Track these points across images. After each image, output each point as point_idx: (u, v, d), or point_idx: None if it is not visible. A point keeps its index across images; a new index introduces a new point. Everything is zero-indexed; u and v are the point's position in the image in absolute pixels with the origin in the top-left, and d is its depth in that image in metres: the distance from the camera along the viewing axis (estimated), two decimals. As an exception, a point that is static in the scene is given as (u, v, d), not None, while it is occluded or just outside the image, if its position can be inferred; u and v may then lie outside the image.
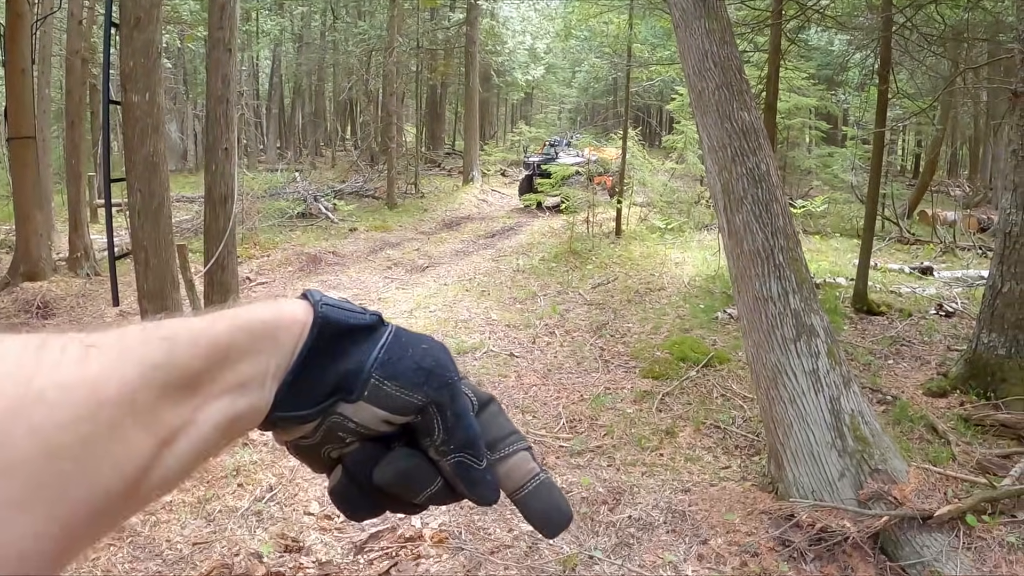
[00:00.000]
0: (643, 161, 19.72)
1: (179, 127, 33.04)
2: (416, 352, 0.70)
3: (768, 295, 5.95)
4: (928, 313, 11.29)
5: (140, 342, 0.55)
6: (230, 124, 8.65)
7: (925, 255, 16.58)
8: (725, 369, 9.15)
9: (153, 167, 7.20)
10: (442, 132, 40.52)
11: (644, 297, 12.62)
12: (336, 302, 0.69)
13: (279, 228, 18.73)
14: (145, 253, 7.18)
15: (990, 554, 5.19)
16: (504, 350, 10.13)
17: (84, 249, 14.05)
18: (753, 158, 6.11)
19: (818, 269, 13.59)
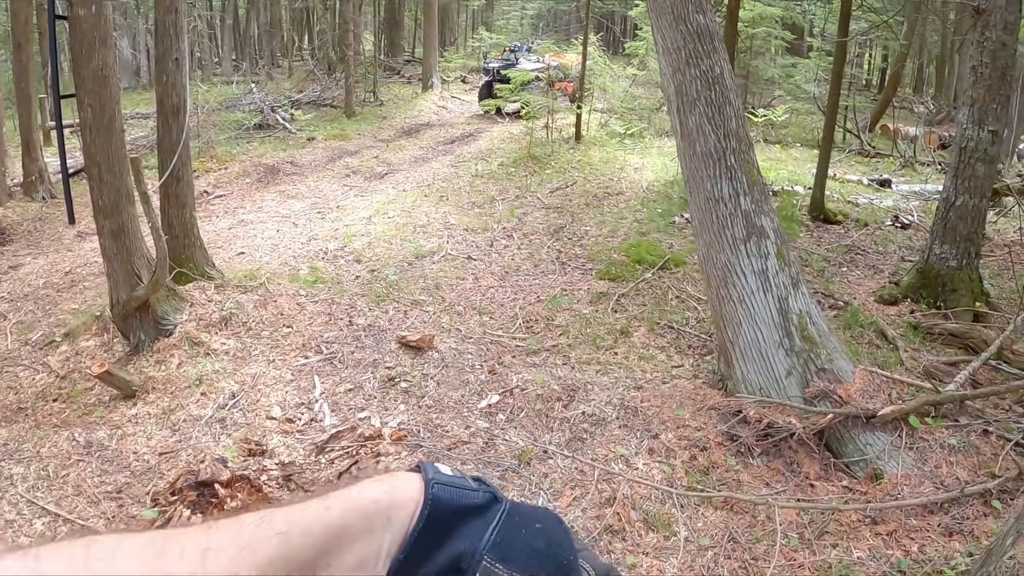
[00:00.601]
0: (604, 67, 19.53)
1: (131, 43, 32.18)
2: (530, 532, 0.71)
3: (719, 196, 5.99)
4: (884, 224, 11.41)
5: (256, 540, 0.57)
6: (180, 34, 8.44)
7: (885, 168, 16.64)
8: (680, 272, 9.24)
9: (103, 81, 7.02)
10: (401, 39, 39.81)
11: (602, 201, 12.64)
12: (449, 479, 0.70)
13: (236, 140, 18.43)
14: (98, 169, 7.05)
15: (931, 455, 5.34)
16: (462, 253, 10.19)
17: (38, 173, 13.84)
18: (707, 60, 6.09)
19: (777, 177, 13.66)
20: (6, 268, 10.45)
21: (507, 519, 0.70)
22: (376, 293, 8.75)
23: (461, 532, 0.68)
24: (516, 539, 0.69)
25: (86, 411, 6.37)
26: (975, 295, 8.22)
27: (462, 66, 32.85)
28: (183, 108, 8.50)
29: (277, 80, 30.36)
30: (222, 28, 38.06)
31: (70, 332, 7.78)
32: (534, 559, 0.69)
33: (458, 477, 0.71)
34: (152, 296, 7.19)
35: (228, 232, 11.60)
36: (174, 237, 8.39)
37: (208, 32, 33.48)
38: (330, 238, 10.89)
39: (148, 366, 6.92)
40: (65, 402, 6.55)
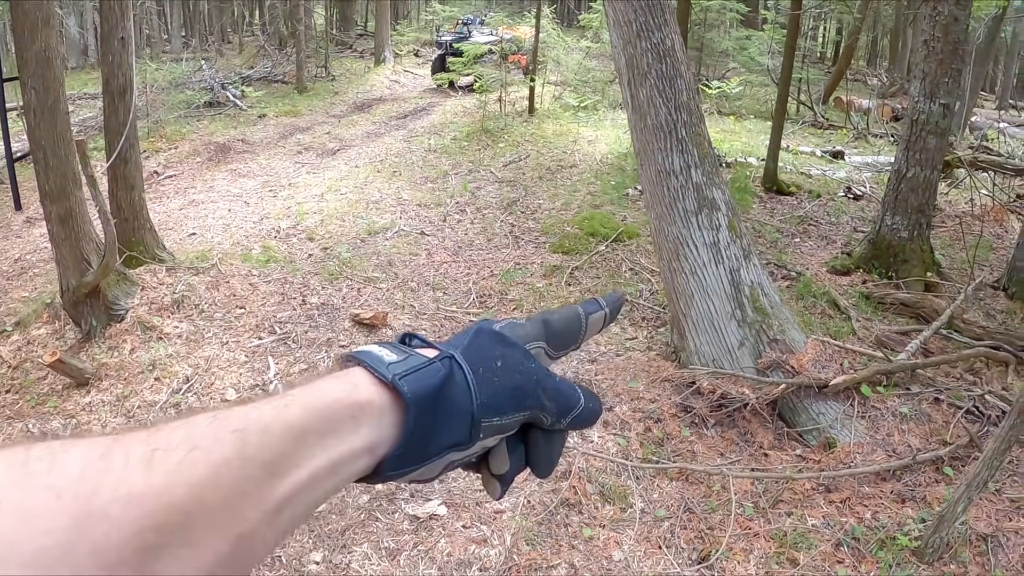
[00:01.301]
0: (558, 40, 19.49)
1: (78, 21, 31.69)
2: (501, 374, 0.72)
3: (670, 169, 5.99)
4: (837, 195, 11.51)
5: (209, 438, 0.54)
6: (125, 12, 8.29)
7: (838, 140, 16.77)
8: (634, 244, 9.29)
9: (46, 63, 6.88)
10: (353, 13, 39.46)
11: (556, 175, 12.64)
12: (403, 365, 0.68)
13: (186, 119, 18.17)
14: (44, 152, 6.93)
15: (883, 423, 5.40)
16: (415, 229, 10.15)
17: None
18: (658, 33, 6.06)
19: (730, 149, 13.71)
20: None
21: (476, 375, 0.70)
22: (329, 271, 8.69)
23: (448, 412, 0.68)
24: (497, 389, 0.71)
25: (39, 401, 6.29)
26: (926, 265, 8.34)
27: (415, 39, 32.59)
28: (130, 88, 8.36)
29: (227, 56, 30.06)
30: (171, 4, 37.54)
31: (21, 321, 7.67)
32: (519, 396, 0.73)
33: (405, 356, 0.70)
34: (102, 281, 7.09)
35: (179, 213, 11.46)
36: (123, 220, 8.28)
37: (156, 9, 33.01)
38: (282, 216, 10.79)
39: (100, 353, 6.85)
40: (18, 393, 6.46)
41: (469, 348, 0.73)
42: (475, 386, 0.69)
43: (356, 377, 0.66)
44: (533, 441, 0.77)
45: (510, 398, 0.71)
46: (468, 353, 0.72)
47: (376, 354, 0.69)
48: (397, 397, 0.65)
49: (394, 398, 0.65)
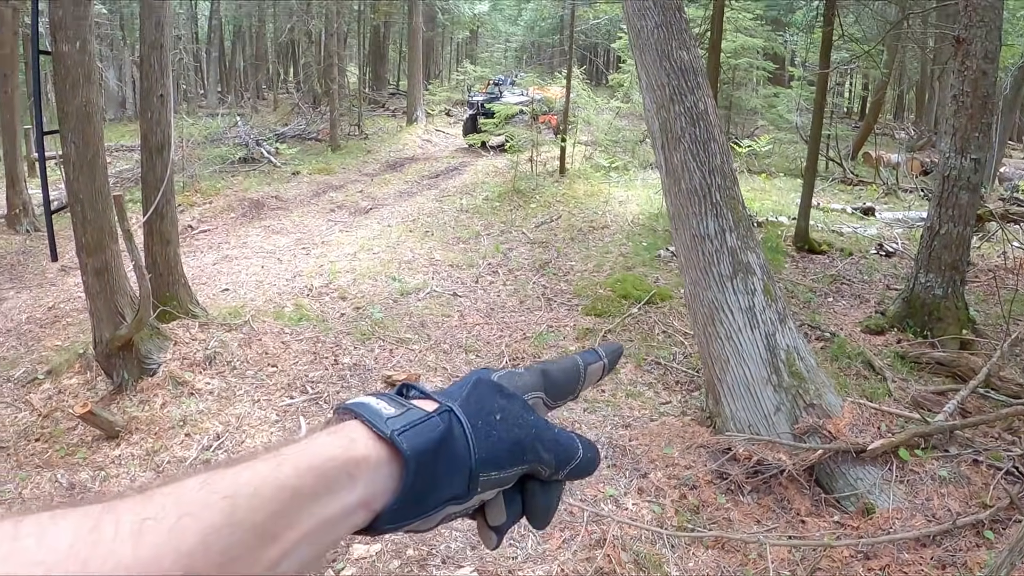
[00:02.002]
0: (588, 100, 19.61)
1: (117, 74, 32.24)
2: (500, 427, 0.73)
3: (705, 233, 5.98)
4: (869, 253, 11.45)
5: (199, 505, 0.54)
6: (165, 70, 8.41)
7: (868, 196, 16.73)
8: (667, 306, 9.23)
9: (86, 117, 6.99)
10: (386, 72, 39.95)
11: (587, 236, 12.66)
12: (401, 419, 0.68)
13: (221, 174, 18.43)
14: (81, 206, 7.01)
15: (922, 487, 5.31)
16: (447, 290, 10.16)
17: (22, 206, 13.86)
18: (691, 97, 6.10)
19: (761, 208, 13.70)
20: None
21: (475, 429, 0.71)
22: (361, 331, 8.69)
23: (447, 467, 0.69)
24: (496, 443, 0.71)
25: (69, 451, 6.28)
26: (961, 323, 8.23)
27: (446, 99, 32.91)
28: (168, 145, 8.46)
29: (262, 113, 30.44)
30: (208, 60, 38.17)
31: (53, 369, 7.69)
32: (518, 451, 0.73)
33: (403, 409, 0.70)
34: (136, 335, 7.12)
35: (212, 268, 11.54)
36: (158, 275, 8.32)
37: (194, 65, 33.52)
38: (315, 274, 10.83)
39: (131, 406, 6.85)
40: (47, 442, 6.46)
41: (468, 400, 0.73)
42: (474, 441, 0.70)
43: (353, 432, 0.66)
44: (530, 492, 0.77)
45: (508, 452, 0.72)
46: (467, 406, 0.72)
47: (374, 407, 0.69)
48: (395, 452, 0.66)
49: (392, 453, 0.66)
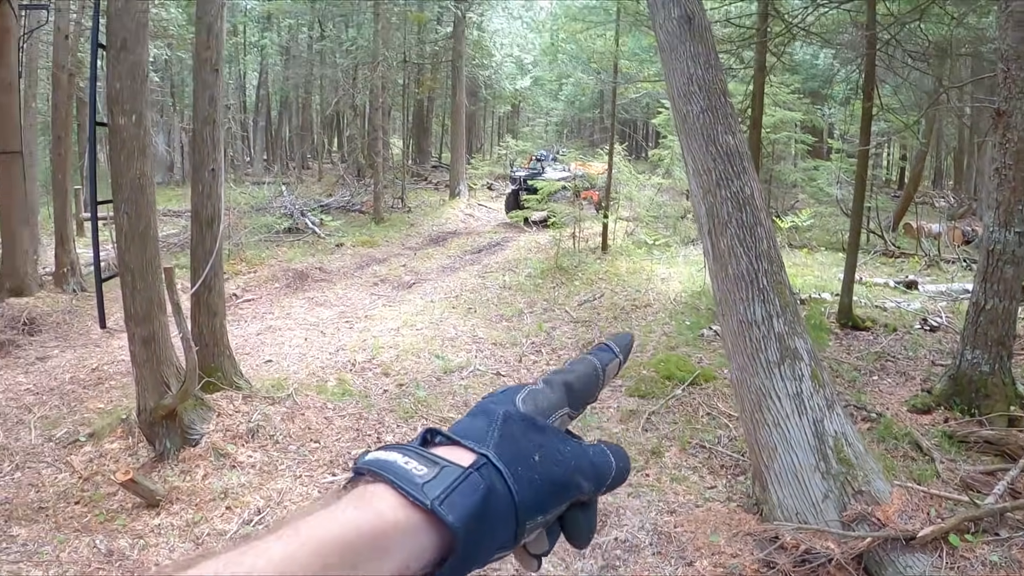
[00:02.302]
0: (629, 176, 19.77)
1: (166, 140, 32.87)
2: (539, 468, 0.70)
3: (752, 319, 5.98)
4: (913, 327, 11.33)
5: None
6: (217, 145, 8.58)
7: (910, 268, 16.61)
8: (711, 387, 9.17)
9: (140, 189, 7.15)
10: (429, 145, 40.40)
11: (630, 314, 12.67)
12: (441, 483, 0.63)
13: (266, 243, 18.67)
14: (132, 276, 7.13)
15: (973, 573, 5.22)
16: (491, 369, 10.15)
17: (70, 265, 14.02)
18: (737, 182, 6.14)
19: (804, 284, 13.64)
20: (33, 359, 10.50)
21: (517, 478, 0.67)
22: (404, 409, 8.69)
23: (492, 525, 0.65)
24: (537, 488, 0.68)
25: (108, 517, 6.30)
26: (1009, 399, 8.07)
27: (488, 173, 33.23)
28: (218, 218, 8.59)
29: (307, 183, 30.82)
30: (254, 129, 38.85)
31: (95, 432, 7.77)
32: (559, 488, 0.70)
33: (436, 468, 0.65)
34: (180, 405, 7.19)
35: (256, 338, 11.63)
36: (204, 346, 8.39)
37: (241, 134, 34.08)
38: (358, 349, 10.87)
39: (173, 475, 6.89)
40: (87, 506, 6.49)
41: (502, 444, 0.69)
42: (516, 491, 0.66)
43: (381, 501, 0.62)
44: (571, 519, 0.74)
45: (552, 494, 0.69)
46: (502, 450, 0.69)
47: (402, 468, 0.64)
48: (432, 517, 0.61)
49: (428, 518, 0.61)
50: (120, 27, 7.02)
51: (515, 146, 27.89)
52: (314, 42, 37.57)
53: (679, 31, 6.49)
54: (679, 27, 6.50)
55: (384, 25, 24.10)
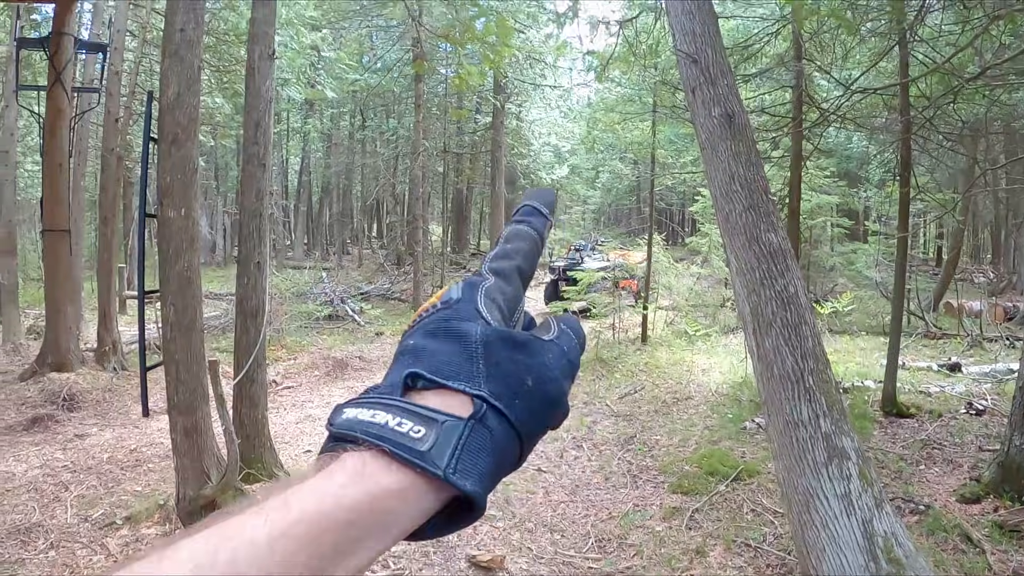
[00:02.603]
0: (668, 266, 19.87)
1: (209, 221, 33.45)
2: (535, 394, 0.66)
3: (798, 419, 5.95)
4: (958, 412, 11.17)
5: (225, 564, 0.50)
6: (263, 239, 8.73)
7: (953, 349, 16.45)
8: (755, 483, 9.05)
9: (187, 282, 7.28)
10: (468, 233, 40.77)
11: (672, 407, 12.59)
12: (449, 448, 0.59)
13: (306, 330, 18.86)
14: (176, 367, 7.22)
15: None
16: (532, 465, 10.01)
17: (112, 343, 14.27)
18: (781, 280, 6.16)
19: (846, 372, 13.52)
20: (72, 436, 10.57)
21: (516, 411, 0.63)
22: (445, 505, 8.61)
23: (503, 468, 0.63)
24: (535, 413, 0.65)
25: (143, 605, 6.27)
26: (1062, 485, 7.95)
27: (526, 262, 33.34)
28: (262, 310, 8.70)
29: (347, 269, 31.16)
30: (295, 214, 39.47)
31: (132, 516, 7.77)
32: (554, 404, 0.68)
33: (433, 425, 0.60)
34: (220, 496, 7.22)
35: (296, 427, 11.64)
36: (245, 437, 8.44)
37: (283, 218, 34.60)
38: (396, 442, 10.81)
39: (210, 566, 6.86)
40: (122, 592, 6.46)
41: (492, 378, 0.64)
42: (519, 427, 0.63)
43: (382, 475, 0.58)
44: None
45: (549, 415, 0.67)
46: (495, 385, 0.64)
47: (396, 431, 0.59)
48: (442, 482, 0.58)
49: (435, 483, 0.58)
50: (172, 122, 7.22)
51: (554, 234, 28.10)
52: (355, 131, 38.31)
53: (720, 130, 6.57)
54: (720, 126, 6.58)
55: (424, 115, 24.52)
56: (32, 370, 13.15)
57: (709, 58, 6.69)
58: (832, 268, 22.30)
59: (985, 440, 10.07)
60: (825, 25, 11.56)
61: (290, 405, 13.07)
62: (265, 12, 8.91)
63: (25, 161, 26.36)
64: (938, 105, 10.99)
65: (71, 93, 13.47)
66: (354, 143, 38.58)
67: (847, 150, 27.76)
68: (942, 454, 9.85)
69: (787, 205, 13.58)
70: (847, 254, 22.11)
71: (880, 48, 12.28)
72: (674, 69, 13.27)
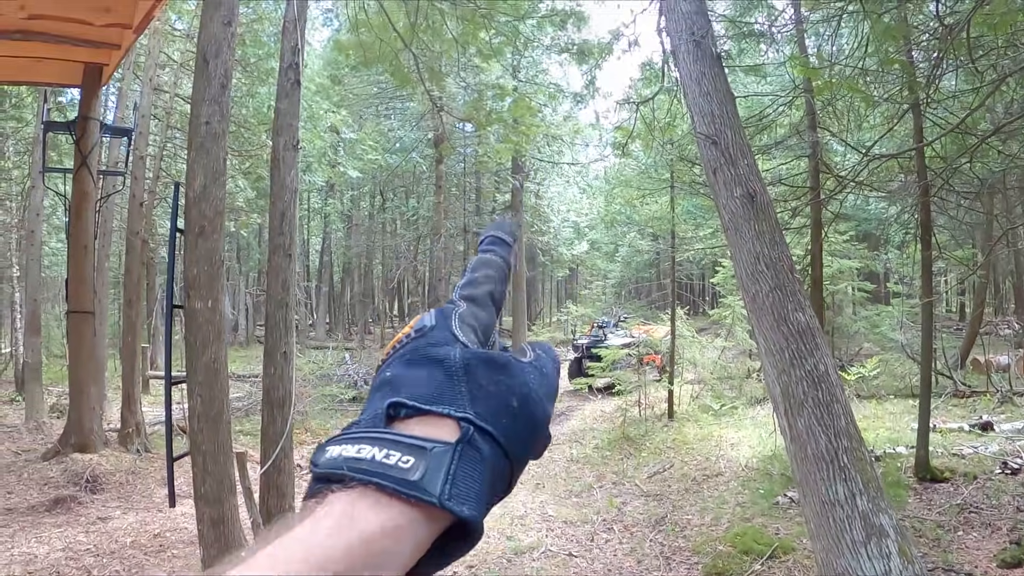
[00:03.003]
0: (692, 339, 19.86)
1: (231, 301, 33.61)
2: (520, 414, 0.65)
3: (835, 499, 5.90)
4: (993, 473, 11.04)
5: None
6: (289, 328, 8.74)
7: (983, 407, 16.29)
8: (791, 559, 8.92)
9: (214, 373, 7.31)
10: (488, 312, 40.61)
11: (701, 484, 12.48)
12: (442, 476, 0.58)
13: (331, 412, 18.82)
14: (203, 458, 7.20)
15: None
16: (562, 549, 9.92)
17: (135, 425, 14.33)
18: (811, 359, 6.15)
19: (876, 439, 13.40)
20: (95, 519, 10.47)
21: (505, 434, 0.62)
22: (476, 594, 8.43)
23: (495, 491, 0.63)
24: (522, 437, 0.64)
25: None
26: (1102, 541, 7.83)
27: (549, 338, 33.40)
28: (289, 400, 8.64)
29: (369, 349, 31.08)
30: (317, 294, 39.57)
31: None
32: (539, 425, 0.67)
33: (421, 454, 0.58)
34: (248, 589, 7.15)
35: (320, 514, 11.53)
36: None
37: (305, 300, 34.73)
38: (423, 529, 10.71)
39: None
40: None
41: (477, 400, 0.63)
42: (509, 448, 0.63)
43: (373, 512, 0.56)
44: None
45: (535, 437, 0.67)
46: (480, 407, 0.63)
47: (384, 464, 0.58)
48: (435, 510, 0.57)
49: (429, 512, 0.57)
50: (198, 214, 7.30)
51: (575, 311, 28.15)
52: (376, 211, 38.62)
53: (743, 210, 6.62)
54: (742, 206, 6.63)
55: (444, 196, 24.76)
56: (55, 450, 13.16)
57: (728, 139, 6.77)
58: (856, 332, 22.21)
59: (1023, 500, 9.94)
60: (838, 93, 11.66)
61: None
62: (288, 104, 9.03)
63: (50, 239, 26.74)
64: (954, 165, 11.05)
65: (96, 176, 13.67)
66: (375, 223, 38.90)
67: (865, 213, 27.78)
68: (979, 518, 9.73)
69: (809, 275, 13.58)
70: (870, 317, 22.02)
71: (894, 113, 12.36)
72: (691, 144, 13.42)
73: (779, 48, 15.05)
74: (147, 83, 16.07)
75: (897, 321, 21.33)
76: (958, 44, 8.19)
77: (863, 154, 11.08)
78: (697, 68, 7.06)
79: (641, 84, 16.61)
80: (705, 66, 7.07)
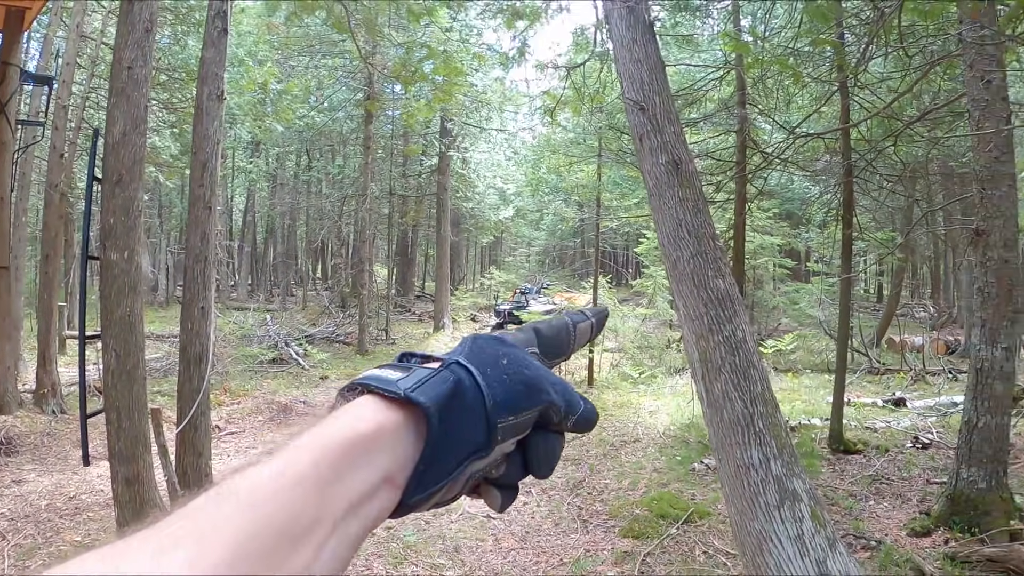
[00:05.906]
0: (614, 308, 19.96)
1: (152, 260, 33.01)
2: (508, 370, 0.73)
3: (749, 463, 5.96)
4: (905, 447, 11.30)
5: (220, 524, 0.52)
6: (208, 283, 8.54)
7: (896, 384, 16.70)
8: (706, 524, 9.03)
9: (129, 327, 7.08)
10: (413, 275, 40.69)
11: (619, 450, 12.56)
12: (410, 379, 0.68)
13: (250, 374, 18.60)
14: (117, 414, 7.01)
15: None
16: (481, 511, 9.85)
17: (51, 386, 13.81)
18: (729, 325, 6.19)
19: (792, 411, 13.63)
20: (9, 482, 10.19)
21: (485, 376, 0.71)
22: (393, 554, 8.46)
23: (463, 418, 0.68)
24: (507, 386, 0.71)
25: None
26: (1009, 513, 8.02)
27: (472, 304, 33.39)
28: (206, 356, 8.50)
29: (291, 311, 30.82)
30: (239, 254, 38.96)
31: None
32: (531, 389, 0.73)
33: (410, 371, 0.70)
34: (162, 547, 7.03)
35: (239, 476, 11.39)
36: (188, 486, 8.14)
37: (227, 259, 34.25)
38: (343, 489, 10.64)
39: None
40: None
41: (471, 353, 0.73)
42: (486, 387, 0.69)
43: (362, 405, 0.66)
44: (532, 444, 0.76)
45: (523, 394, 0.72)
46: (471, 357, 0.73)
47: (381, 375, 0.69)
48: (411, 413, 0.65)
49: (407, 415, 0.65)
50: (116, 162, 7.06)
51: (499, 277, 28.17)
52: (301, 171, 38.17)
53: (667, 177, 6.62)
54: (667, 173, 6.62)
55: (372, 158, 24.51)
56: (-33, 412, 12.75)
57: (656, 105, 6.75)
58: (775, 307, 22.57)
59: (932, 473, 10.20)
60: (769, 71, 11.74)
61: (234, 452, 12.78)
62: (215, 53, 8.79)
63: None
64: (879, 148, 11.19)
65: (15, 126, 13.17)
66: (299, 183, 38.52)
67: (789, 191, 28.21)
68: (891, 489, 9.94)
69: (732, 248, 13.70)
70: (790, 293, 22.44)
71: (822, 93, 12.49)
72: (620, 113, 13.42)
73: (715, 24, 15.13)
74: (73, 29, 15.50)
75: (816, 298, 21.74)
76: (888, 28, 8.27)
77: (789, 132, 11.16)
78: (629, 34, 7.02)
79: (572, 51, 16.62)
80: (637, 32, 7.03)
